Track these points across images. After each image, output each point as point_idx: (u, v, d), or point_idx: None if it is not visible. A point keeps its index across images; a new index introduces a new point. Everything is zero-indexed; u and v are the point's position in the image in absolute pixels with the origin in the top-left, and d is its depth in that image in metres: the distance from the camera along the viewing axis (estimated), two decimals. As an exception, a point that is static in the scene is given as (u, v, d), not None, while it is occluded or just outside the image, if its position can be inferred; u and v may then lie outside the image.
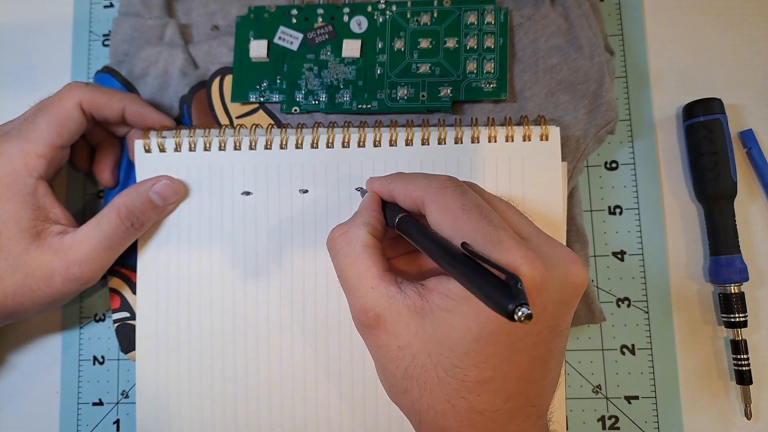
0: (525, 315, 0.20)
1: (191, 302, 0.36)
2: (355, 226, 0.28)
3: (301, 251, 0.35)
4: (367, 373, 0.34)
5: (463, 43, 0.37)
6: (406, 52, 0.37)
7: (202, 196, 0.36)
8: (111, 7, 0.43)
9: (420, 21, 0.37)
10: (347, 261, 0.27)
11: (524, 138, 0.34)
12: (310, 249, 0.35)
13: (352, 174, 0.35)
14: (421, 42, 0.37)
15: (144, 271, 0.36)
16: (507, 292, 0.20)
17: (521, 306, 0.20)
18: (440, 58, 0.37)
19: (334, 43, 0.38)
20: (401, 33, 0.37)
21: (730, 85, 0.38)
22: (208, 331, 0.35)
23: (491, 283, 0.21)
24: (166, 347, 0.36)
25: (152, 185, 0.35)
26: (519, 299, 0.20)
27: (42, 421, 0.39)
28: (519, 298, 0.20)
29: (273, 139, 0.36)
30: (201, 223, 0.36)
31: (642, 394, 0.36)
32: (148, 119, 0.36)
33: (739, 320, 0.35)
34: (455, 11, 0.37)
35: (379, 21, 0.38)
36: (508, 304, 0.20)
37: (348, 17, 0.38)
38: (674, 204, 0.38)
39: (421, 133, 0.35)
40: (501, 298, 0.20)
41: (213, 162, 0.36)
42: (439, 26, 0.37)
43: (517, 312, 0.20)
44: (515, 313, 0.20)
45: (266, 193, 0.36)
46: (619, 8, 0.39)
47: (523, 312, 0.20)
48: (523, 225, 0.28)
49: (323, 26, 0.38)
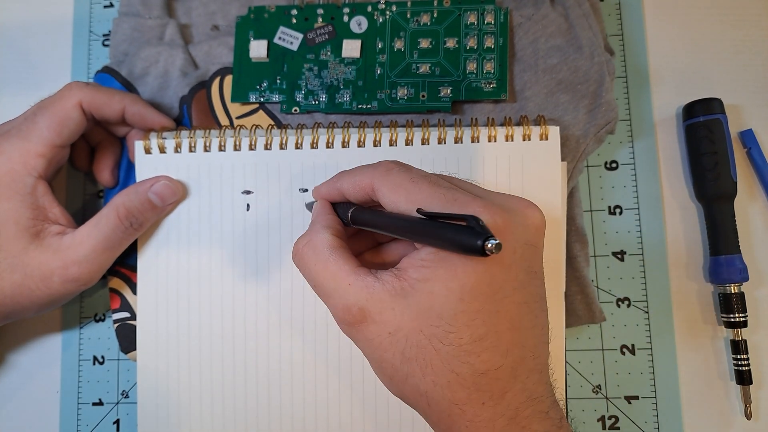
0: (495, 245, 0.20)
1: (191, 302, 0.36)
2: (315, 232, 0.28)
3: None
4: (366, 370, 0.34)
5: (463, 43, 0.37)
6: (406, 52, 0.37)
7: (202, 196, 0.36)
8: (111, 7, 0.43)
9: (420, 21, 0.37)
10: (318, 267, 0.27)
11: (524, 138, 0.34)
12: None
13: None
14: (421, 42, 0.37)
15: (144, 271, 0.36)
16: (471, 232, 0.21)
17: (488, 239, 0.21)
18: (440, 58, 0.37)
19: (334, 43, 0.38)
20: (401, 33, 0.37)
21: (730, 85, 0.38)
22: (209, 331, 0.35)
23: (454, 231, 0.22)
24: (166, 347, 0.36)
25: (151, 185, 0.35)
26: (485, 233, 0.21)
27: (42, 421, 0.39)
28: (484, 232, 0.21)
29: (273, 140, 0.36)
30: (201, 222, 0.36)
31: (642, 394, 0.36)
32: (148, 120, 0.36)
33: (739, 320, 0.35)
34: (455, 11, 0.37)
35: (379, 21, 0.38)
36: (475, 241, 0.21)
37: (348, 17, 0.38)
38: (674, 204, 0.38)
39: (422, 133, 0.35)
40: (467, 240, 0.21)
41: (213, 162, 0.36)
42: (439, 26, 0.37)
43: (487, 245, 0.20)
44: (485, 248, 0.20)
45: (266, 192, 0.36)
46: (619, 8, 0.39)
47: (492, 243, 0.20)
48: (469, 186, 0.29)
49: (323, 26, 0.38)
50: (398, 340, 0.25)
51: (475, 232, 0.21)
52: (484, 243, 0.21)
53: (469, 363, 0.24)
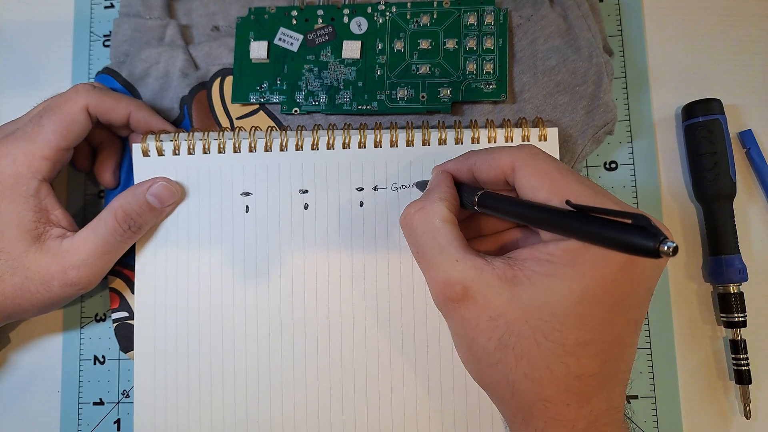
0: (672, 248, 0.19)
1: (190, 303, 0.36)
2: (431, 201, 0.28)
3: (301, 251, 0.35)
4: (369, 373, 0.34)
5: (462, 44, 0.37)
6: (406, 53, 0.37)
7: (201, 198, 0.36)
8: (112, 8, 0.43)
9: (420, 22, 0.37)
10: (427, 236, 0.27)
11: (523, 139, 0.34)
12: (310, 249, 0.35)
13: (353, 175, 0.35)
14: (420, 43, 0.37)
15: (142, 272, 0.36)
16: (644, 232, 0.20)
17: (664, 240, 0.19)
18: (440, 59, 0.37)
19: (334, 44, 0.38)
20: (401, 34, 0.37)
21: (730, 85, 0.38)
22: (207, 333, 0.35)
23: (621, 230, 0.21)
24: (164, 348, 0.36)
25: (149, 187, 0.34)
26: (660, 235, 0.19)
27: (43, 420, 0.39)
28: (659, 234, 0.19)
29: (273, 142, 0.36)
30: (200, 224, 0.36)
31: (642, 394, 0.36)
32: (153, 126, 0.36)
33: (738, 320, 0.35)
34: (455, 12, 0.37)
35: (379, 22, 0.38)
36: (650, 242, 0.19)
37: (348, 18, 0.38)
38: (673, 204, 0.38)
39: (422, 134, 0.35)
40: (641, 240, 0.20)
41: (212, 164, 0.36)
42: (439, 27, 0.37)
43: (663, 247, 0.19)
44: (660, 249, 0.19)
45: (266, 194, 0.36)
46: (618, 9, 0.39)
47: (669, 246, 0.19)
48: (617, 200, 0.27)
49: (323, 27, 0.38)
50: (498, 326, 0.25)
51: (649, 232, 0.20)
52: (660, 244, 0.19)
53: (567, 364, 0.24)
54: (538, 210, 0.25)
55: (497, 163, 0.28)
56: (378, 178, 0.35)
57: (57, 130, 0.33)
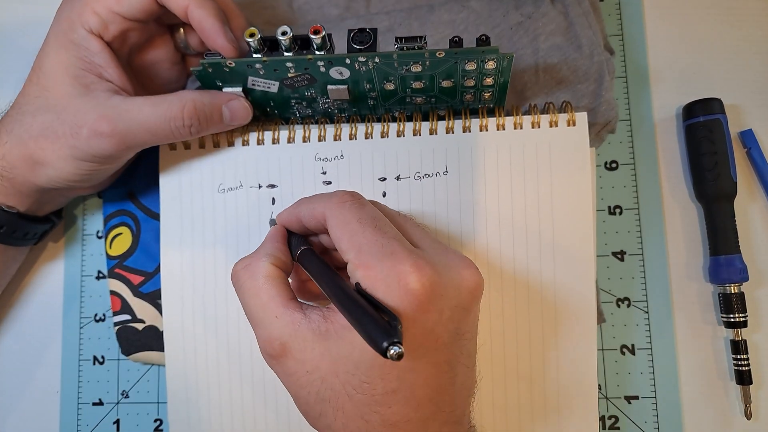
0: (396, 354, 0.21)
1: (218, 298, 0.36)
2: (257, 258, 0.28)
3: None
4: None
5: (460, 83, 0.33)
6: (398, 89, 0.33)
7: (226, 190, 0.36)
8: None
9: (410, 69, 0.31)
10: (250, 293, 0.28)
11: (551, 124, 0.34)
12: None
13: (375, 165, 0.35)
14: (413, 83, 0.33)
15: (168, 268, 0.36)
16: (383, 331, 0.22)
17: (394, 344, 0.22)
18: (436, 93, 0.34)
19: (316, 86, 0.33)
20: (390, 78, 0.32)
21: (730, 85, 0.38)
22: (236, 328, 0.35)
23: (372, 322, 0.23)
24: (193, 346, 0.36)
25: (229, 100, 0.33)
26: (393, 338, 0.22)
27: (42, 420, 0.39)
28: (393, 336, 0.22)
29: (296, 133, 0.36)
30: (227, 217, 0.36)
31: (642, 394, 0.36)
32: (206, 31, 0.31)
33: (739, 320, 0.35)
34: (451, 60, 0.31)
35: (362, 70, 0.32)
36: (382, 342, 0.22)
37: (325, 68, 0.32)
38: (674, 204, 0.38)
39: (446, 123, 0.34)
40: (378, 336, 0.22)
41: (238, 157, 0.36)
42: (433, 71, 0.32)
43: (390, 351, 0.21)
44: (388, 351, 0.22)
45: (291, 185, 0.36)
46: (619, 8, 0.39)
47: (395, 350, 0.21)
48: (419, 236, 0.29)
49: (298, 75, 0.32)
50: (314, 380, 0.26)
51: (388, 333, 0.22)
52: (388, 348, 0.22)
53: (380, 413, 0.25)
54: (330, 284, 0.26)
55: (314, 213, 0.29)
56: (401, 168, 0.35)
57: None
